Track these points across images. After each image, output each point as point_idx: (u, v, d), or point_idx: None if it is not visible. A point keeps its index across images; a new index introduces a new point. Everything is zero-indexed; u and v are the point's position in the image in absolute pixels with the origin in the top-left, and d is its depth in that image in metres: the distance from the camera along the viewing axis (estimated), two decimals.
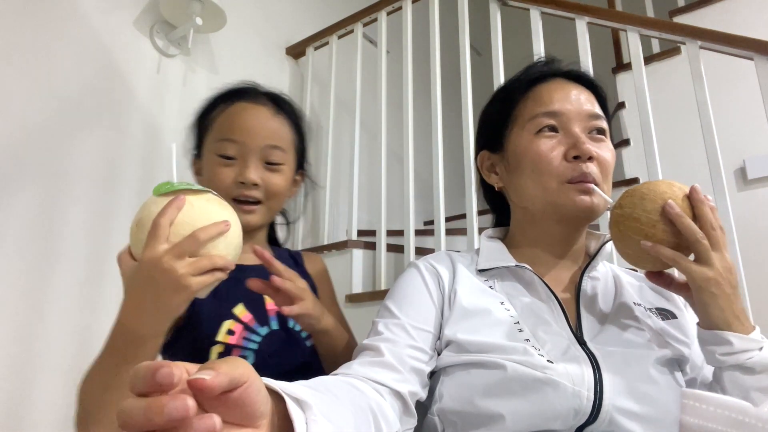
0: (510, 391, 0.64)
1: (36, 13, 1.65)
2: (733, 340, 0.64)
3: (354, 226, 2.11)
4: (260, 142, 0.91)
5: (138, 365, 0.32)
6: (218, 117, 0.94)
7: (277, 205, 0.96)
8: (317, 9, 2.73)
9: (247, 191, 0.90)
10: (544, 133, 0.79)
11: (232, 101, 0.95)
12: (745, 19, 2.22)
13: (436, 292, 0.78)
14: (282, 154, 0.93)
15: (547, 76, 0.84)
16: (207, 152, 0.94)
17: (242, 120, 0.92)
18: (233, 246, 0.66)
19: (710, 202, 0.69)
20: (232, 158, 0.90)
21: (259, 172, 0.90)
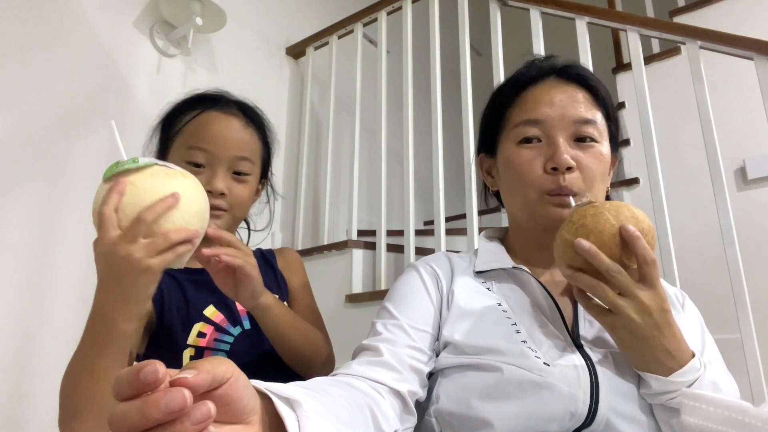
0: (506, 393, 0.64)
1: (36, 14, 1.65)
2: (651, 383, 0.63)
3: (354, 226, 2.11)
4: (229, 153, 0.92)
5: (120, 372, 0.32)
6: (189, 123, 0.95)
7: (241, 213, 0.97)
8: (317, 9, 2.73)
9: (214, 200, 0.89)
10: (525, 143, 0.78)
11: (203, 109, 0.95)
12: (745, 19, 2.22)
13: (434, 293, 0.78)
14: (250, 165, 0.95)
15: (538, 77, 0.82)
16: (175, 157, 0.94)
17: (213, 129, 0.93)
18: (192, 214, 0.65)
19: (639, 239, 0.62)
20: (200, 166, 0.91)
21: (226, 181, 0.91)
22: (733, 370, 0.74)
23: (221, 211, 0.92)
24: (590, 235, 0.62)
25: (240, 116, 0.97)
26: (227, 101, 0.98)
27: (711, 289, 1.45)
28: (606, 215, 0.63)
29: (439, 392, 0.70)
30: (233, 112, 0.96)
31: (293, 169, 2.39)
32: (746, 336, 1.32)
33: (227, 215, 0.92)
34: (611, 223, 0.62)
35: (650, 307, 0.61)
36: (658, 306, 0.62)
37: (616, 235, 0.62)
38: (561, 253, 0.65)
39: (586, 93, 0.80)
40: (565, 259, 0.65)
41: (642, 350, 0.63)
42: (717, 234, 1.42)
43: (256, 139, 0.98)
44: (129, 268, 0.61)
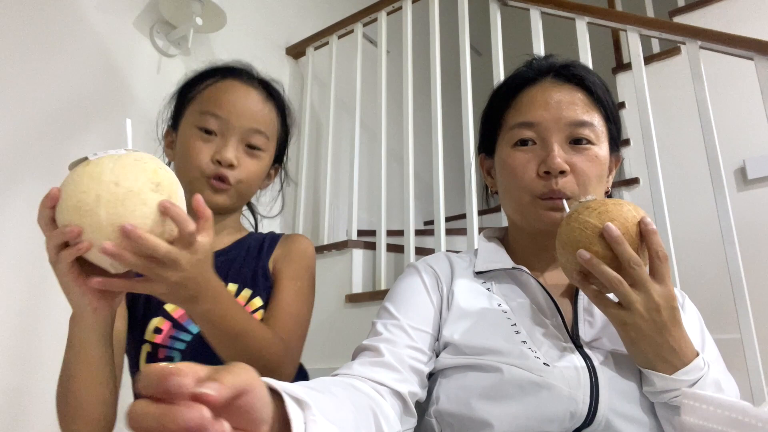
0: (506, 394, 0.64)
1: (36, 14, 1.65)
2: (655, 381, 0.63)
3: (354, 226, 2.11)
4: (245, 123, 0.87)
5: (151, 367, 0.33)
6: (205, 90, 0.90)
7: (248, 191, 0.91)
8: (317, 9, 2.73)
9: (223, 170, 0.85)
10: (519, 146, 0.78)
11: (224, 77, 0.91)
12: (745, 19, 2.22)
13: (434, 293, 0.78)
14: (264, 140, 0.89)
15: (535, 78, 0.81)
16: (185, 124, 0.89)
17: (230, 97, 0.88)
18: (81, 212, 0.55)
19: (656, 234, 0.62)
20: (212, 133, 0.86)
21: (237, 152, 0.86)
22: (733, 370, 0.74)
23: (226, 185, 0.85)
24: (615, 221, 0.61)
25: (261, 90, 0.92)
26: (250, 75, 0.94)
27: (711, 289, 1.45)
28: (627, 206, 0.63)
29: (439, 393, 0.70)
30: (254, 85, 0.92)
31: (293, 169, 2.39)
32: (746, 336, 1.32)
33: (232, 191, 0.86)
34: (633, 214, 0.62)
35: (660, 304, 0.61)
36: (668, 303, 0.62)
37: (636, 225, 0.62)
38: (578, 236, 0.62)
39: (583, 94, 0.79)
40: (583, 243, 0.62)
41: (648, 347, 0.62)
42: (717, 234, 1.42)
43: (274, 116, 0.93)
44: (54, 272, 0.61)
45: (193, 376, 0.32)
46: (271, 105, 0.92)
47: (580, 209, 0.64)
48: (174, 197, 0.59)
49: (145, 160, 0.59)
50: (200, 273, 0.62)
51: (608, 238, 0.60)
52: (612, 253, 0.61)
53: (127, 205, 0.55)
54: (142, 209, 0.56)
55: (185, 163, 0.87)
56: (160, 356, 0.83)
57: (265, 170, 0.93)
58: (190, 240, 0.59)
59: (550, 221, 0.74)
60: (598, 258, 0.61)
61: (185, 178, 0.82)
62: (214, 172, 0.85)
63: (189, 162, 0.86)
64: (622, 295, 0.61)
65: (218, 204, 0.85)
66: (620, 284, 0.61)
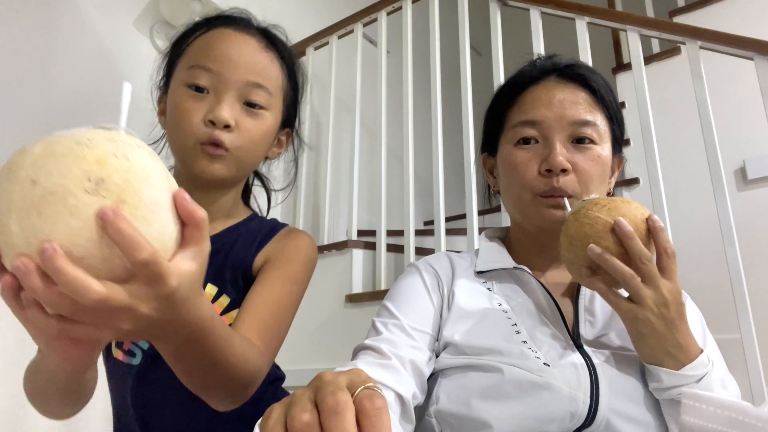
0: (506, 394, 0.64)
1: (36, 14, 1.65)
2: (662, 377, 0.63)
3: (354, 226, 2.11)
4: (241, 76, 0.74)
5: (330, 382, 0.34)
6: (194, 42, 0.78)
7: (250, 158, 0.77)
8: (317, 9, 2.73)
9: (217, 133, 0.72)
10: (522, 144, 0.78)
11: (215, 26, 0.78)
12: (745, 19, 2.22)
13: (435, 293, 0.78)
14: (266, 96, 0.76)
15: (538, 77, 0.81)
16: (174, 83, 0.77)
17: (222, 47, 0.75)
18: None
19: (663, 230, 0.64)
20: (204, 90, 0.73)
21: (234, 111, 0.73)
22: (733, 370, 0.74)
23: (222, 151, 0.72)
24: (625, 217, 0.62)
25: (259, 38, 0.78)
26: (246, 22, 0.80)
27: (711, 289, 1.44)
28: (635, 204, 0.64)
29: (439, 392, 0.70)
30: (251, 32, 0.78)
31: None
32: (746, 336, 1.32)
33: (229, 158, 0.73)
34: (641, 211, 0.63)
35: (669, 300, 0.62)
36: (676, 299, 0.63)
37: (644, 222, 0.63)
38: (587, 232, 0.63)
39: (586, 93, 0.79)
40: (593, 239, 0.62)
41: (657, 343, 0.63)
42: (717, 234, 1.42)
43: (277, 67, 0.79)
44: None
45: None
46: (273, 54, 0.79)
47: (588, 206, 0.65)
48: (134, 200, 0.38)
49: (94, 144, 0.39)
50: (175, 315, 0.43)
51: (620, 233, 0.61)
52: (622, 249, 0.61)
53: (45, 216, 0.36)
54: (68, 222, 0.37)
55: (175, 129, 0.75)
56: (125, 347, 0.76)
57: (271, 133, 0.79)
58: (152, 273, 0.39)
59: (551, 219, 0.74)
60: (610, 256, 0.61)
61: (177, 147, 0.75)
62: (208, 136, 0.72)
63: (178, 126, 0.74)
64: (634, 289, 0.62)
65: (214, 175, 0.73)
66: (633, 278, 0.61)
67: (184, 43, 0.79)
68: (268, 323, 0.69)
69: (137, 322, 0.41)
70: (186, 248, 0.42)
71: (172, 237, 0.41)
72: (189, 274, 0.42)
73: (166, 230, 0.41)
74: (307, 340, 2.00)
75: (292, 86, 0.83)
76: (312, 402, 0.34)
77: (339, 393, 0.33)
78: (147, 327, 0.43)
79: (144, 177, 0.40)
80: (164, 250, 0.40)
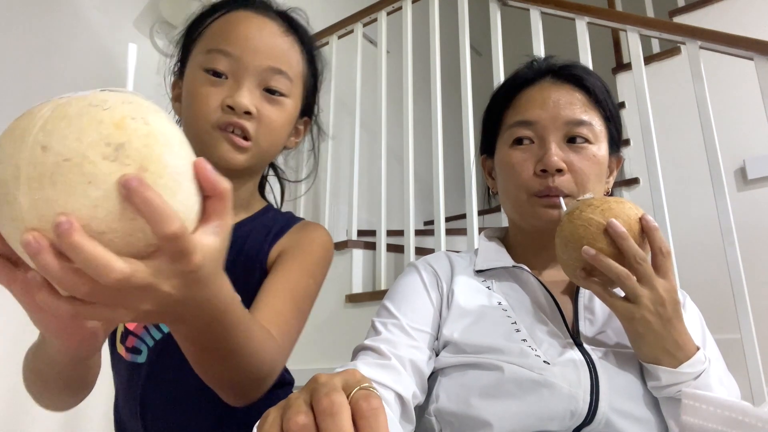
0: (506, 392, 0.65)
1: (36, 14, 1.65)
2: (660, 375, 0.63)
3: (354, 226, 2.11)
4: (262, 61, 0.71)
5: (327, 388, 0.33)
6: (212, 24, 0.75)
7: (271, 147, 0.74)
8: (317, 9, 2.73)
9: (237, 119, 0.69)
10: (517, 145, 0.78)
11: (234, 8, 0.75)
12: (745, 19, 2.22)
13: (434, 292, 0.78)
14: (287, 82, 0.73)
15: (534, 78, 0.81)
16: (191, 68, 0.74)
17: (242, 30, 0.72)
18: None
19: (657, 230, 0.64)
20: (222, 75, 0.71)
21: (254, 98, 0.70)
22: (733, 370, 0.74)
23: (245, 141, 0.69)
24: (618, 218, 0.62)
25: (279, 22, 0.75)
26: (267, 4, 0.78)
27: (711, 289, 1.44)
28: (629, 204, 0.64)
29: (439, 391, 0.70)
30: (272, 16, 0.75)
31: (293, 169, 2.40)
32: (746, 336, 1.32)
33: (253, 148, 0.70)
34: (634, 211, 0.64)
35: (665, 298, 0.62)
36: (672, 298, 0.63)
37: (638, 222, 0.63)
38: (581, 233, 0.63)
39: (582, 94, 0.79)
40: (587, 240, 0.63)
41: (654, 341, 0.63)
42: (717, 234, 1.42)
43: (297, 53, 0.76)
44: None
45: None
46: (293, 39, 0.76)
47: (582, 207, 0.65)
48: (157, 168, 0.35)
49: (110, 105, 0.36)
50: (197, 294, 0.41)
51: (613, 234, 0.61)
52: (616, 250, 0.62)
53: (59, 186, 0.32)
54: (86, 192, 0.33)
55: (191, 114, 0.72)
56: (128, 344, 0.74)
57: (291, 122, 0.76)
58: (178, 248, 0.36)
59: (547, 218, 0.75)
60: (602, 254, 0.62)
61: (193, 133, 0.70)
62: (226, 121, 0.69)
63: (194, 111, 0.71)
64: (629, 289, 0.62)
65: (235, 163, 0.69)
66: (628, 278, 0.62)
67: (201, 25, 0.76)
68: (286, 315, 0.65)
69: (158, 301, 0.38)
70: (209, 222, 0.39)
71: (194, 210, 0.38)
72: (212, 250, 0.39)
73: (189, 202, 0.37)
74: (307, 340, 1.99)
75: (312, 73, 0.80)
76: (308, 404, 0.34)
77: (334, 394, 0.33)
78: (167, 307, 0.40)
79: (165, 143, 0.36)
80: (187, 222, 0.36)
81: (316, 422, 0.33)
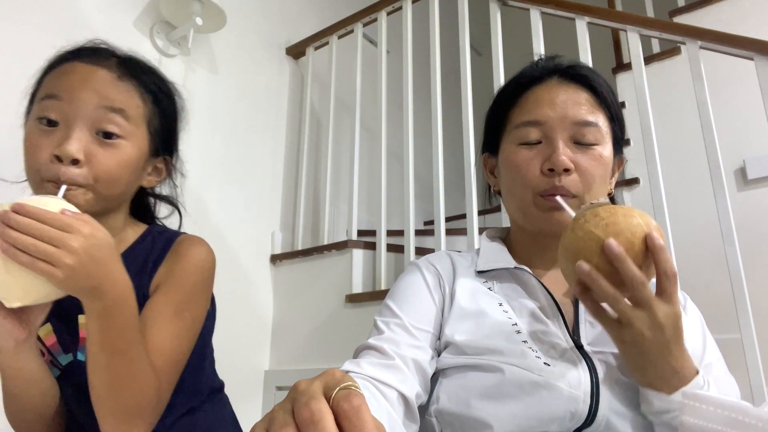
0: (506, 393, 0.64)
1: (35, 14, 1.65)
2: (653, 401, 0.61)
3: (354, 226, 2.11)
4: (93, 102, 0.70)
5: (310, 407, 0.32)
6: (46, 77, 0.76)
7: (110, 189, 0.73)
8: (317, 9, 2.73)
9: (63, 170, 0.68)
10: (525, 144, 0.78)
11: (67, 60, 0.76)
12: (745, 19, 2.22)
13: (436, 292, 0.78)
14: (122, 122, 0.72)
15: (541, 78, 0.81)
16: (29, 123, 0.74)
17: (71, 77, 0.72)
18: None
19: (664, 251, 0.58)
20: (55, 124, 0.70)
21: (84, 143, 0.69)
22: (733, 370, 0.74)
23: (76, 187, 0.69)
24: (620, 235, 0.57)
25: (114, 68, 0.75)
26: (101, 52, 0.77)
27: (711, 289, 1.44)
28: (638, 218, 0.59)
29: (440, 392, 0.70)
30: (104, 63, 0.75)
31: (293, 169, 2.40)
32: (746, 336, 1.32)
33: (83, 192, 0.70)
34: (642, 228, 0.58)
35: (663, 324, 0.58)
36: (672, 323, 0.59)
37: (644, 240, 0.58)
38: (581, 246, 0.59)
39: (588, 94, 0.79)
40: (584, 254, 0.59)
41: (648, 366, 0.61)
42: (717, 234, 1.42)
43: (134, 95, 0.75)
44: None
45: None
46: (130, 83, 0.75)
47: (588, 216, 0.60)
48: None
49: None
50: (96, 259, 0.58)
51: (609, 255, 0.57)
52: (613, 268, 0.57)
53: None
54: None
55: (26, 166, 0.74)
56: (45, 358, 0.75)
57: (134, 161, 0.75)
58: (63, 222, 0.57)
59: (552, 218, 0.74)
60: (598, 271, 0.57)
61: (31, 184, 0.73)
62: (54, 174, 0.68)
63: (27, 164, 0.73)
64: (620, 312, 0.59)
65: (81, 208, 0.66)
66: (617, 302, 0.58)
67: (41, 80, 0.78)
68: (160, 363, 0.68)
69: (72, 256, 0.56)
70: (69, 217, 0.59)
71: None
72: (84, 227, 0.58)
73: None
74: (307, 340, 2.00)
75: (159, 113, 0.79)
76: (291, 414, 0.34)
77: (312, 402, 0.33)
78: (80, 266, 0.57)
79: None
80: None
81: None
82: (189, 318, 0.74)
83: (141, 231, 0.83)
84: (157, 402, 0.67)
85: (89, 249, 0.58)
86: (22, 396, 0.68)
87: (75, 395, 0.75)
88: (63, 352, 0.75)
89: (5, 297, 0.57)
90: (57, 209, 0.59)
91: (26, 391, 0.68)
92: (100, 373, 0.63)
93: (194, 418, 0.83)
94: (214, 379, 0.91)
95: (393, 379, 0.65)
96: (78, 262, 0.57)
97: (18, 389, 0.68)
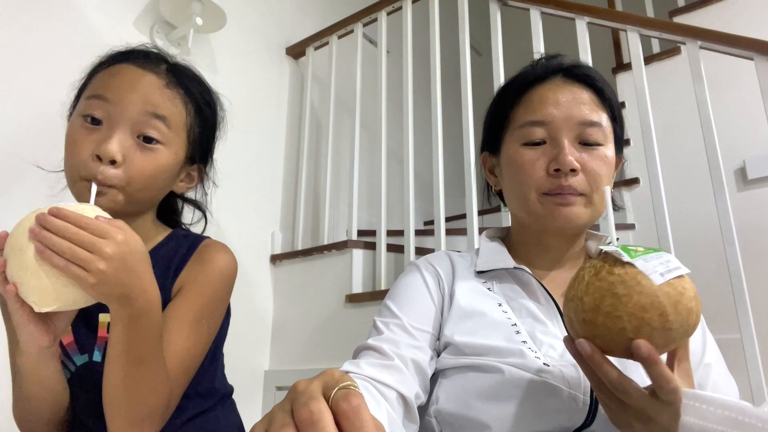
0: (506, 394, 0.65)
1: (35, 14, 1.65)
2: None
3: (354, 226, 2.11)
4: (138, 106, 0.72)
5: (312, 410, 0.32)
6: (95, 76, 0.78)
7: (143, 193, 0.74)
8: (317, 9, 2.73)
9: (102, 169, 0.70)
10: (529, 144, 0.77)
11: (118, 62, 0.78)
12: (745, 19, 2.22)
13: (436, 292, 0.78)
14: (164, 128, 0.74)
15: (544, 77, 0.81)
16: (74, 115, 0.76)
17: (120, 79, 0.74)
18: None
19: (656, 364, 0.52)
20: (99, 123, 0.72)
21: (123, 145, 0.71)
22: (733, 370, 0.74)
23: (108, 188, 0.70)
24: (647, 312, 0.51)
25: (163, 74, 0.78)
26: (151, 56, 0.80)
27: (711, 289, 1.44)
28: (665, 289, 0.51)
29: (439, 393, 0.70)
30: (154, 69, 0.78)
31: (293, 169, 2.40)
32: (746, 336, 1.32)
33: (117, 194, 0.71)
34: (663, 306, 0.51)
35: (659, 423, 0.55)
36: (669, 424, 0.55)
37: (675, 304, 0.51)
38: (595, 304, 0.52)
39: (592, 94, 0.79)
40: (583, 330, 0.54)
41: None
42: (717, 234, 1.42)
43: (179, 103, 0.77)
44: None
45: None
46: (176, 92, 0.78)
47: (605, 274, 0.53)
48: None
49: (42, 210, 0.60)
50: (128, 267, 0.59)
51: (638, 357, 0.52)
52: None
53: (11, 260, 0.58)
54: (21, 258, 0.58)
55: (65, 162, 0.75)
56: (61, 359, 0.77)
57: (169, 169, 0.77)
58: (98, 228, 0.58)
59: (558, 216, 0.74)
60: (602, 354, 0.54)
61: (68, 180, 0.75)
62: (92, 173, 0.70)
63: (67, 160, 0.74)
64: (617, 393, 0.55)
65: (111, 209, 0.68)
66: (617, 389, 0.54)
67: (90, 77, 0.80)
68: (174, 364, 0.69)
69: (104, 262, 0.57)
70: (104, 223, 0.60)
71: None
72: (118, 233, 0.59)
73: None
74: (307, 340, 2.00)
75: (200, 124, 0.81)
76: (290, 414, 0.34)
77: (311, 403, 0.33)
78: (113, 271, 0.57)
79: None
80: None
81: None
82: (206, 325, 0.76)
83: (166, 233, 0.84)
84: (167, 408, 0.68)
85: (122, 256, 0.59)
86: (34, 399, 0.69)
87: (85, 398, 0.75)
88: (79, 353, 0.75)
89: (35, 301, 0.58)
90: (92, 215, 0.59)
91: (39, 395, 0.68)
92: (116, 377, 0.63)
93: (204, 420, 0.82)
94: (224, 383, 0.91)
95: (392, 379, 0.65)
96: (110, 268, 0.57)
97: (32, 393, 0.68)
